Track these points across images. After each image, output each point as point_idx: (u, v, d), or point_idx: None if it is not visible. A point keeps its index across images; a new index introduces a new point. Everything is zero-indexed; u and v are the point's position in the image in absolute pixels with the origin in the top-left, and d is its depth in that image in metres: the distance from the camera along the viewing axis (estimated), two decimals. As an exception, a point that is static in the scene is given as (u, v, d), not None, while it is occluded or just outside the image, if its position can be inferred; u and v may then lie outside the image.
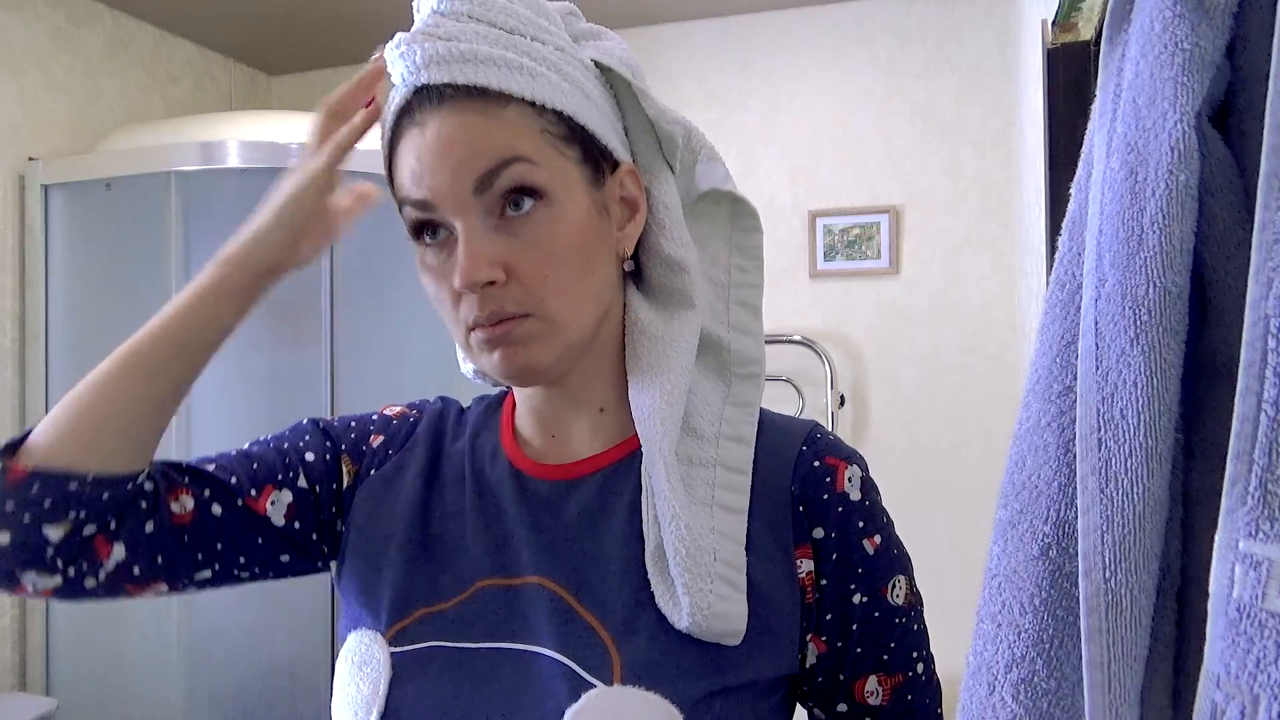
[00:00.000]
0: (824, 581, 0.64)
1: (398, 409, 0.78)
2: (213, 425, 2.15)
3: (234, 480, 0.69)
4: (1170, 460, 0.45)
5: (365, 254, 2.21)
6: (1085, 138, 0.54)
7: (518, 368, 0.62)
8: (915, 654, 0.67)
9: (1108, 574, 0.44)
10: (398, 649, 0.63)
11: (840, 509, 0.65)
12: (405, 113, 0.62)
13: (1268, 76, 0.38)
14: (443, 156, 0.60)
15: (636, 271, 0.71)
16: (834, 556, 0.64)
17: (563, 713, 0.57)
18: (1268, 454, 0.36)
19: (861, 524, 0.65)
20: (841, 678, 0.65)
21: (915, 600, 0.68)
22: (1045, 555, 0.50)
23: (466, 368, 0.76)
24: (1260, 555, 0.36)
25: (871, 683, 0.66)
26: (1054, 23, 1.15)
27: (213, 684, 2.13)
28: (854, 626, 0.65)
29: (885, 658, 0.66)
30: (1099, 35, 0.79)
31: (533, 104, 0.61)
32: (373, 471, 0.73)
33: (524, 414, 0.72)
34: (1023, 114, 2.30)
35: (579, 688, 0.58)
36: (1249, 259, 0.38)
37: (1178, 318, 0.44)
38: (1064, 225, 0.55)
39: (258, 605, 2.12)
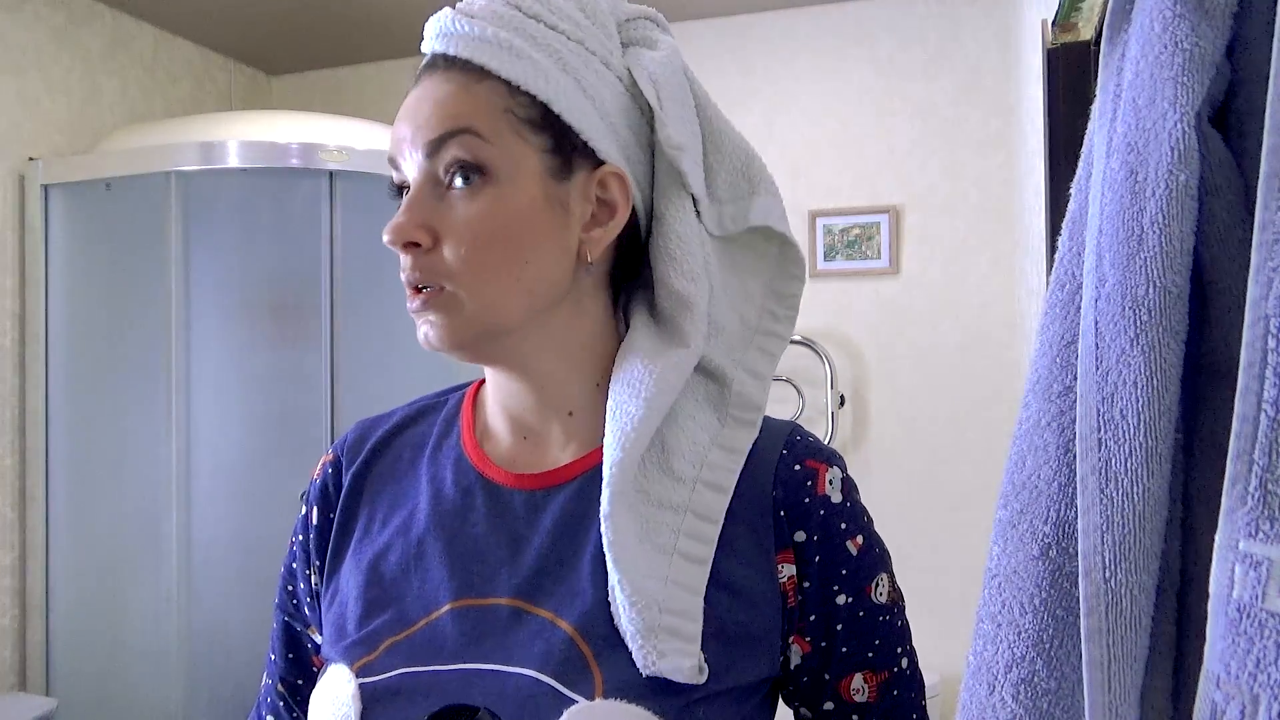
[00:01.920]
0: (806, 584, 0.64)
1: (318, 467, 0.76)
2: (213, 425, 2.15)
3: (303, 681, 0.76)
4: (1170, 460, 0.45)
5: (365, 254, 2.21)
6: (1085, 138, 0.54)
7: (432, 341, 0.63)
8: (899, 649, 0.67)
9: (1108, 574, 0.44)
10: (366, 680, 0.61)
11: (822, 512, 0.64)
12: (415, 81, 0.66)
13: (1268, 76, 0.38)
14: (411, 117, 0.63)
15: (652, 297, 0.69)
16: (817, 559, 0.64)
17: None
18: (1268, 454, 0.36)
19: (844, 525, 0.65)
20: (827, 676, 0.65)
21: (897, 597, 0.68)
22: (1045, 555, 0.50)
23: None
24: (1260, 555, 0.36)
25: (857, 680, 0.66)
26: (1054, 23, 1.15)
27: (213, 684, 2.13)
28: (838, 626, 0.65)
29: (870, 655, 0.66)
30: (1099, 35, 0.79)
31: (508, 84, 0.62)
32: (328, 548, 0.72)
33: (495, 412, 0.70)
34: (1023, 114, 2.30)
35: (561, 704, 0.56)
36: (1249, 259, 0.39)
37: (1178, 318, 0.44)
38: (1064, 225, 0.55)
39: (258, 605, 2.12)
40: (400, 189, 0.65)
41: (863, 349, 2.68)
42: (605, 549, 0.59)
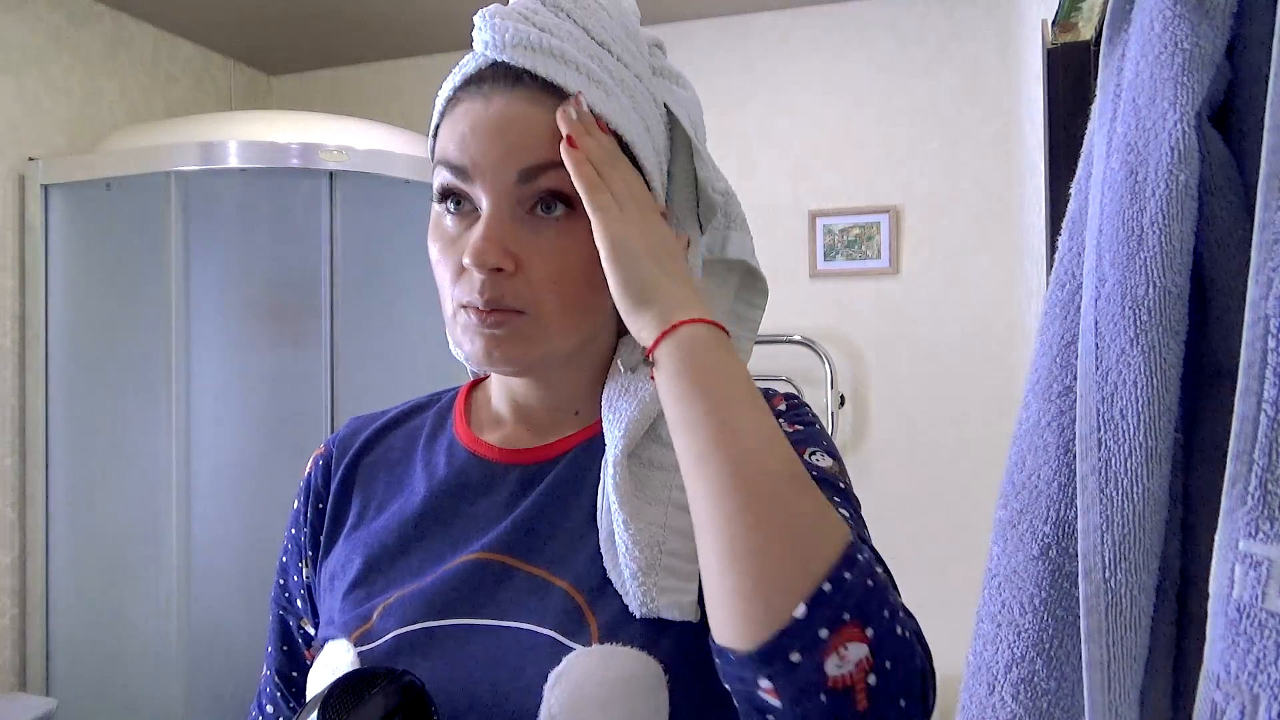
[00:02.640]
0: None
1: (309, 462, 0.78)
2: (213, 426, 2.15)
3: (297, 673, 0.76)
4: (1170, 460, 0.45)
5: (365, 254, 2.21)
6: (1085, 138, 0.54)
7: (495, 360, 0.63)
8: (848, 515, 0.61)
9: (1108, 574, 0.44)
10: (364, 647, 0.63)
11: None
12: (474, 80, 0.63)
13: (1268, 76, 0.38)
14: (500, 134, 0.61)
15: None
16: None
17: (545, 677, 0.57)
18: (1268, 454, 0.36)
19: (781, 418, 0.68)
20: None
21: (842, 472, 0.65)
22: (1045, 555, 0.50)
23: (457, 351, 0.77)
24: (1260, 555, 0.36)
25: None
26: (1054, 23, 1.15)
27: (213, 684, 2.13)
28: None
29: None
30: (1099, 35, 0.79)
31: (598, 119, 0.62)
32: (320, 539, 0.74)
33: (499, 405, 0.73)
34: (1023, 114, 2.30)
35: (560, 652, 0.58)
36: (1249, 259, 0.38)
37: (1178, 318, 0.44)
38: (1064, 225, 0.55)
39: (258, 605, 2.13)
40: (446, 194, 0.64)
41: (863, 349, 2.68)
42: (610, 493, 0.61)
